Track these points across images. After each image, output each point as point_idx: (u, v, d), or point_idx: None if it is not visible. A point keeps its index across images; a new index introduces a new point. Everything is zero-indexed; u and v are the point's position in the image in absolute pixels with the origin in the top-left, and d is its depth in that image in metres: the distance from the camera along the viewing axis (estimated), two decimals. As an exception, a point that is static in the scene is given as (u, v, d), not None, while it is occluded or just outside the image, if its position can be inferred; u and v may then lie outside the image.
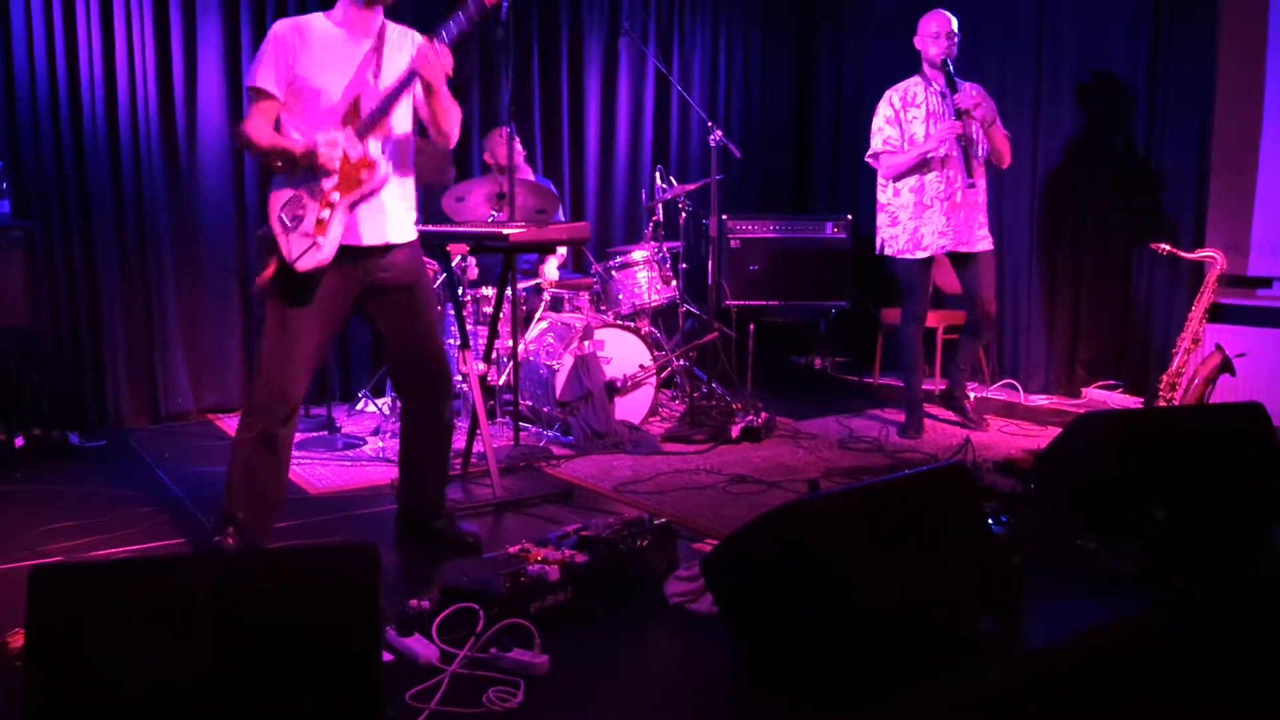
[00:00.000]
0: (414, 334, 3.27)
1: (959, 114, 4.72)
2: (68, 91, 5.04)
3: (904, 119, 4.88)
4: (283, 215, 3.00)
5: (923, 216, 4.86)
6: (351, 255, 3.06)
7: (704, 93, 7.24)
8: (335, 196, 2.99)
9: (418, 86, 3.08)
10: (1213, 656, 2.67)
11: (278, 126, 3.05)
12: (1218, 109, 5.32)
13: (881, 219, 5.04)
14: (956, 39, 4.79)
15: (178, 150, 5.37)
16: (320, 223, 2.98)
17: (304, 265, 2.97)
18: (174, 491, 4.10)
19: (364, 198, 3.03)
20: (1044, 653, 2.47)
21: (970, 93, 4.78)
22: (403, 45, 3.14)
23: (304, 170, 2.99)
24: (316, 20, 3.08)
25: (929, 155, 4.79)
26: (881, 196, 5.03)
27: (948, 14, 4.82)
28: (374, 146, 3.04)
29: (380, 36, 3.10)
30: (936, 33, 4.78)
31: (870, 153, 5.02)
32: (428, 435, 3.39)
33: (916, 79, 4.92)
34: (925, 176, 4.85)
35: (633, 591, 2.87)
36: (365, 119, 3.01)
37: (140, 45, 5.20)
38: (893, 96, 4.94)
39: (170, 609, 1.90)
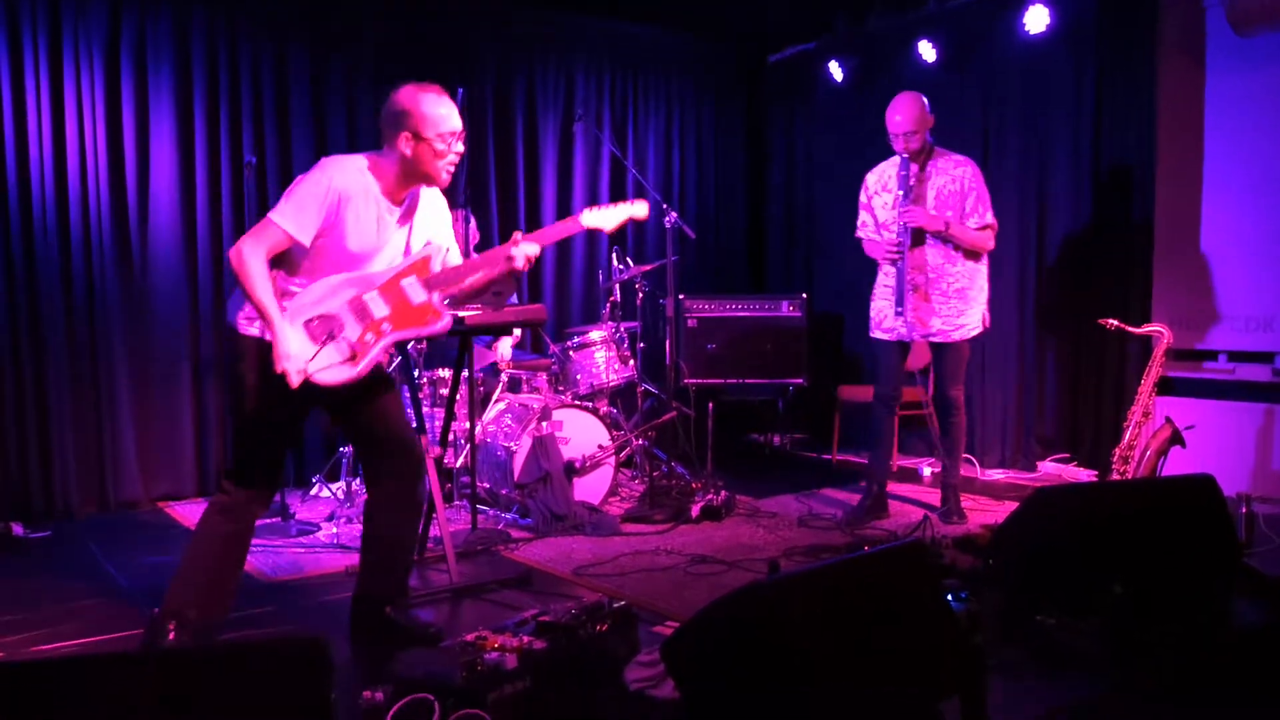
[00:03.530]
0: (375, 408, 3.22)
1: (903, 229, 4.62)
2: (16, 176, 5.03)
3: (875, 204, 4.82)
4: (315, 326, 2.94)
5: (888, 298, 4.76)
6: None
7: (659, 175, 7.36)
8: (387, 327, 3.01)
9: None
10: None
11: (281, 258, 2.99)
12: (1159, 189, 5.48)
13: None
14: (912, 134, 4.57)
15: (129, 236, 5.35)
16: (364, 344, 2.98)
17: (326, 380, 2.93)
18: (121, 584, 4.00)
19: (414, 327, 3.06)
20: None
21: (915, 212, 4.60)
22: (430, 206, 3.20)
23: (342, 284, 2.98)
24: (364, 178, 3.01)
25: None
26: None
27: (898, 109, 4.62)
28: (436, 297, 3.08)
29: (413, 202, 3.14)
30: (890, 133, 4.65)
31: (856, 233, 4.98)
32: (398, 515, 3.30)
33: (895, 160, 4.75)
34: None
35: (593, 678, 2.82)
36: (446, 278, 3.08)
37: (92, 131, 5.21)
38: (869, 179, 4.88)
39: (112, 710, 1.84)
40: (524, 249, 3.15)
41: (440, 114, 3.00)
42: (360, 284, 3.00)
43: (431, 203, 3.21)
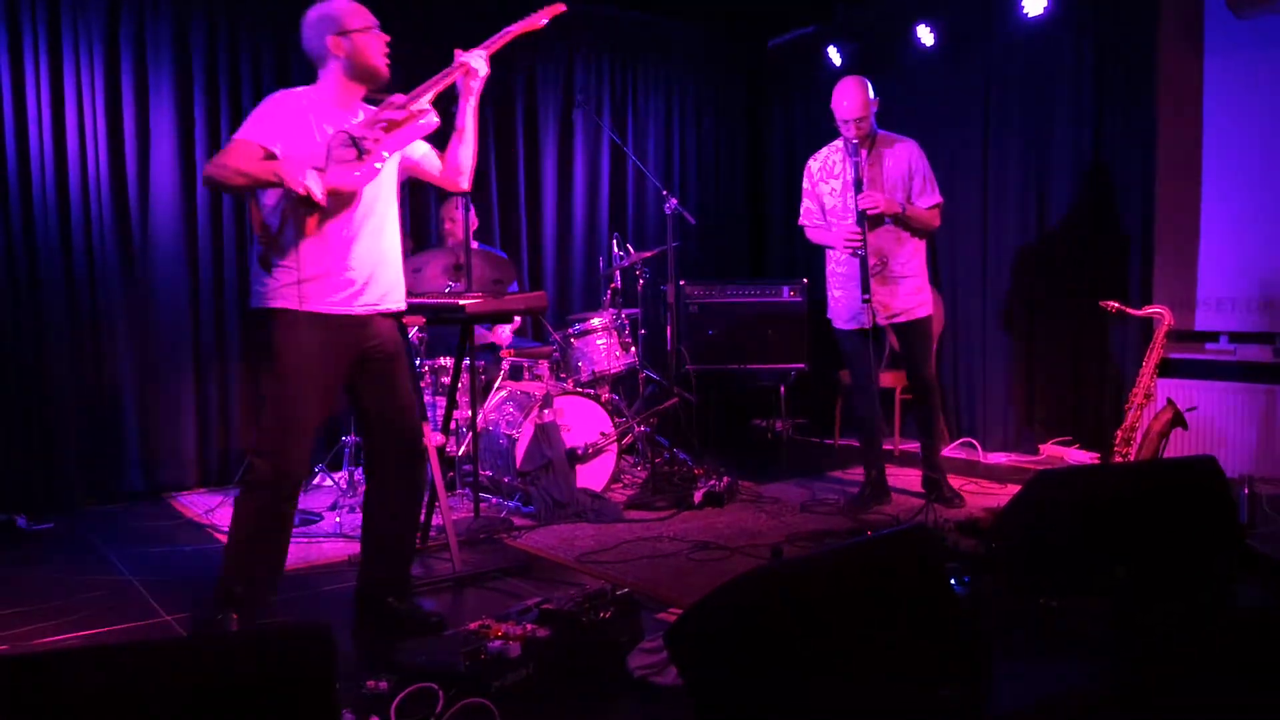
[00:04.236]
0: (395, 404, 3.24)
1: (861, 217, 4.58)
2: (17, 171, 5.02)
3: (821, 190, 4.80)
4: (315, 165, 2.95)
5: (845, 287, 4.78)
6: (344, 324, 3.06)
7: (659, 162, 7.33)
8: (381, 136, 3.01)
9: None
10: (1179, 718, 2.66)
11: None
12: (1159, 170, 5.46)
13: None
14: (860, 119, 4.53)
15: (130, 228, 5.35)
16: (364, 148, 2.96)
17: (344, 182, 2.92)
18: (125, 574, 4.00)
19: (406, 128, 3.05)
20: (1011, 719, 2.45)
21: (875, 197, 4.54)
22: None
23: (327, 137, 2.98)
24: (310, 95, 3.08)
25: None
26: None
27: (844, 95, 4.55)
28: (414, 105, 3.07)
29: (366, 111, 3.15)
30: (838, 119, 4.60)
31: (799, 221, 4.99)
32: (402, 507, 3.33)
33: (837, 145, 4.74)
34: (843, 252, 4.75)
35: (596, 665, 2.83)
36: (415, 93, 3.06)
37: (92, 123, 5.21)
38: (812, 165, 4.86)
39: (115, 700, 1.84)
40: (466, 57, 3.16)
41: (355, 6, 3.10)
42: (344, 130, 3.00)
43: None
